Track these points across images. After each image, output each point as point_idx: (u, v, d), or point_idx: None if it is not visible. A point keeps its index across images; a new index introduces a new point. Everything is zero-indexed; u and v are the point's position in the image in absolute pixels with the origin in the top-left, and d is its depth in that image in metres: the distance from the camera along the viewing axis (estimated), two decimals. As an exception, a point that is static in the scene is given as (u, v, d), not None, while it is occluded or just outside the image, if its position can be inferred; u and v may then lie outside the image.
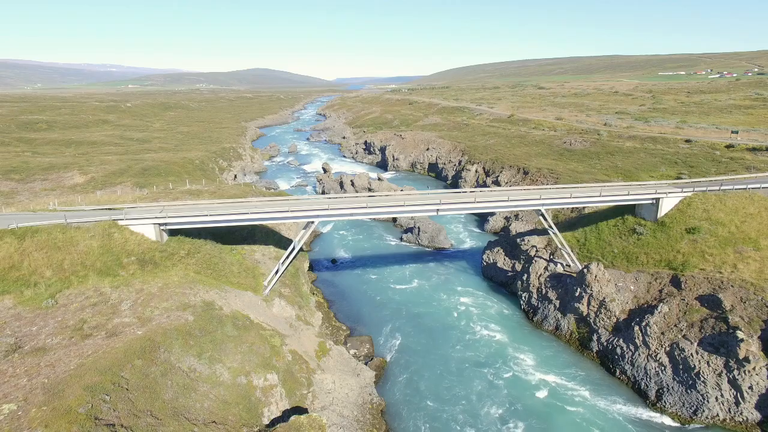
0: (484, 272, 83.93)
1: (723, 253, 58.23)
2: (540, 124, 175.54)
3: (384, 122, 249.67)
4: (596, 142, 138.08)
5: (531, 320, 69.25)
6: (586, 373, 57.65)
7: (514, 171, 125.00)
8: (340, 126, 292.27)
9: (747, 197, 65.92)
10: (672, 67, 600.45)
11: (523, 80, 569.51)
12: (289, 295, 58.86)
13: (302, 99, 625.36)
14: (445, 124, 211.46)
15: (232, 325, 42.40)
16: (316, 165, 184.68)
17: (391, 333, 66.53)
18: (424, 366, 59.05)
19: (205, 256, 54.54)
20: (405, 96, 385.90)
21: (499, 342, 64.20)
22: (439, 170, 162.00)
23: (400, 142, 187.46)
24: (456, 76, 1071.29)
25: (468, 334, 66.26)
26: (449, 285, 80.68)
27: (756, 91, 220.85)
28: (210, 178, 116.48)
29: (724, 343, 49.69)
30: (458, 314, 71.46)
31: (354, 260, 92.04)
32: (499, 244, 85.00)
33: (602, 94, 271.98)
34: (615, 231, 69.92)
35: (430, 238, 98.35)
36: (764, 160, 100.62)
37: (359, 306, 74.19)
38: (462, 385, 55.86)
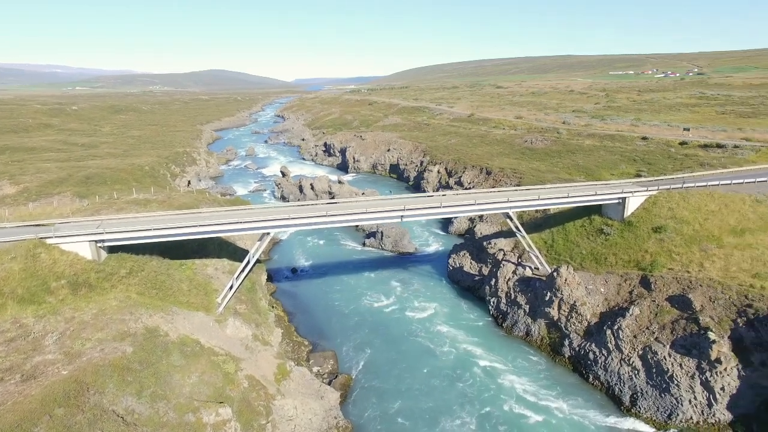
0: (451, 277, 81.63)
1: (689, 252, 57.74)
2: (500, 123, 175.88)
3: (344, 123, 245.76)
4: (557, 140, 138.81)
5: (501, 326, 67.22)
6: (558, 380, 55.91)
7: (476, 171, 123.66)
8: (299, 127, 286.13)
9: (708, 194, 66.04)
10: (621, 66, 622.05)
11: (481, 80, 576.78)
12: (245, 312, 54.50)
13: (260, 100, 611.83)
14: (406, 125, 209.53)
15: (179, 353, 37.99)
16: (274, 168, 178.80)
17: (356, 346, 63.08)
18: (391, 381, 55.91)
19: (150, 274, 49.55)
20: (365, 96, 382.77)
21: (468, 351, 61.78)
22: (400, 171, 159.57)
23: (360, 143, 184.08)
24: (415, 76, 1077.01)
25: (436, 343, 63.59)
26: (415, 291, 77.90)
27: (699, 91, 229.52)
28: (161, 186, 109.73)
29: (695, 344, 48.77)
30: (425, 322, 68.73)
31: (315, 269, 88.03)
32: (465, 247, 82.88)
33: (559, 92, 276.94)
34: (582, 232, 68.83)
35: (394, 242, 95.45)
36: (716, 157, 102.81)
37: (322, 318, 70.38)
38: (432, 399, 53.04)
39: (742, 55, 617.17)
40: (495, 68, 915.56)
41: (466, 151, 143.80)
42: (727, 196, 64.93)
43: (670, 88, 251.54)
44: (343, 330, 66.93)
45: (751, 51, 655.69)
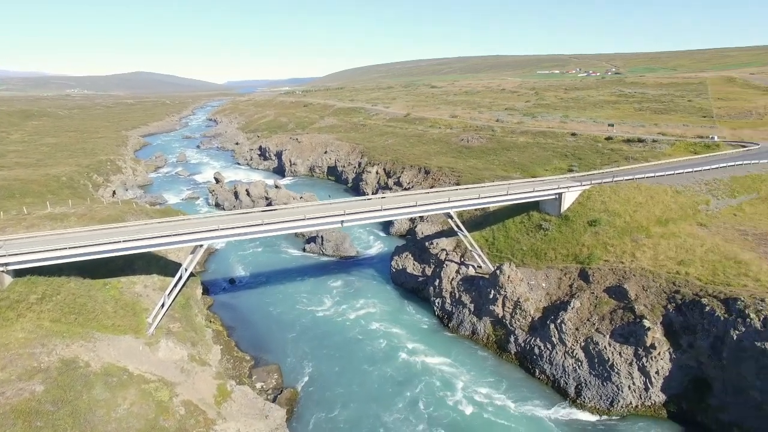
0: (394, 279, 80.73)
1: (622, 243, 59.98)
2: (436, 122, 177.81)
3: (279, 126, 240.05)
4: (491, 138, 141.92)
5: (446, 326, 67.01)
6: (506, 377, 56.28)
7: (415, 171, 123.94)
8: (232, 131, 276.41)
9: (635, 187, 69.12)
10: (548, 66, 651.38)
11: (416, 80, 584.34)
12: (179, 331, 50.69)
13: (191, 104, 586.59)
14: (343, 126, 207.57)
15: (103, 384, 34.25)
16: (208, 174, 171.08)
17: (301, 357, 60.64)
18: (339, 391, 54.05)
19: (68, 298, 44.81)
20: (300, 98, 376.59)
21: (416, 353, 60.99)
22: (338, 173, 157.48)
23: (296, 146, 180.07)
24: (350, 76, 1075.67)
25: (383, 348, 62.35)
26: (359, 296, 76.33)
27: (618, 89, 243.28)
28: (81, 197, 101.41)
29: (632, 332, 50.55)
30: (371, 327, 67.35)
31: (254, 278, 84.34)
32: (408, 248, 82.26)
33: (491, 91, 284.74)
34: (522, 228, 70.00)
35: (335, 246, 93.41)
36: (638, 151, 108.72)
37: (264, 330, 67.23)
38: (382, 406, 51.76)
39: (651, 56, 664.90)
40: (429, 68, 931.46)
41: (403, 151, 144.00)
42: (652, 188, 68.25)
43: (593, 87, 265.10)
44: (287, 341, 64.23)
45: (659, 53, 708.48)
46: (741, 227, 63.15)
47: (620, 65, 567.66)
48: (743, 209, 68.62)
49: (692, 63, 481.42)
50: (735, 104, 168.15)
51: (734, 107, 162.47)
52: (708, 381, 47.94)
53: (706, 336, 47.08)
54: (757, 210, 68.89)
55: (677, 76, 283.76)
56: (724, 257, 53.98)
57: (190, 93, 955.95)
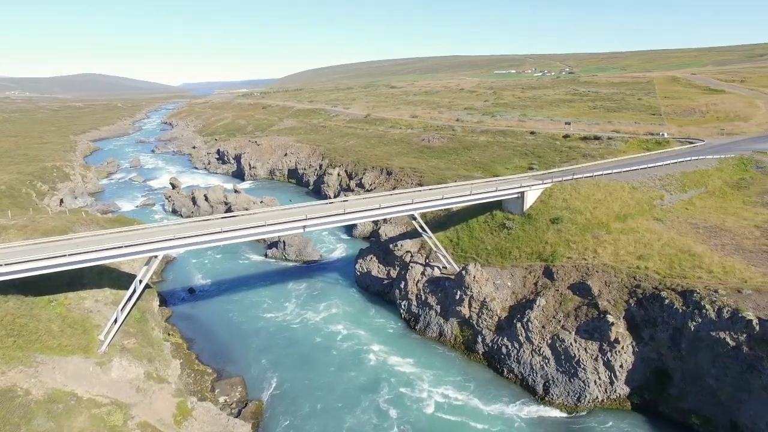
0: (359, 282, 79.58)
1: (584, 240, 60.87)
2: (397, 122, 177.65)
3: (237, 128, 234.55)
4: (452, 137, 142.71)
5: (413, 329, 66.37)
6: (474, 377, 56.09)
7: (377, 172, 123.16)
8: (189, 135, 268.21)
9: (594, 184, 70.44)
10: (504, 66, 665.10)
11: (375, 80, 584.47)
12: (134, 347, 47.88)
13: (145, 107, 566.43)
14: (302, 128, 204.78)
15: (45, 414, 31.62)
16: (163, 180, 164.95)
17: (266, 367, 58.67)
18: (306, 401, 52.49)
19: (5, 319, 41.46)
20: (258, 100, 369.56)
21: (383, 358, 60.07)
22: (299, 176, 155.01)
23: (256, 149, 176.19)
24: (309, 78, 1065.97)
25: (349, 353, 61.14)
26: (323, 301, 74.79)
27: (573, 88, 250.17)
28: (23, 207, 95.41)
29: (597, 328, 51.23)
30: (336, 332, 66.01)
31: (215, 286, 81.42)
32: (372, 251, 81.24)
33: (450, 91, 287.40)
34: (486, 227, 70.14)
35: (298, 251, 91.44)
36: (595, 148, 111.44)
37: (226, 340, 64.80)
38: (350, 414, 50.60)
39: (602, 56, 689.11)
40: (388, 68, 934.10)
41: (365, 152, 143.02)
42: (610, 185, 69.75)
43: (549, 86, 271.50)
44: (251, 351, 62.07)
45: (609, 53, 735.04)
46: (693, 221, 65.31)
47: (573, 65, 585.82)
48: (694, 203, 71.08)
49: (640, 63, 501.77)
50: (680, 102, 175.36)
51: (679, 105, 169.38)
52: (668, 371, 49.15)
53: (666, 328, 48.19)
54: (706, 204, 71.48)
55: (627, 76, 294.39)
56: (680, 250, 55.50)
57: (143, 95, 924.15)
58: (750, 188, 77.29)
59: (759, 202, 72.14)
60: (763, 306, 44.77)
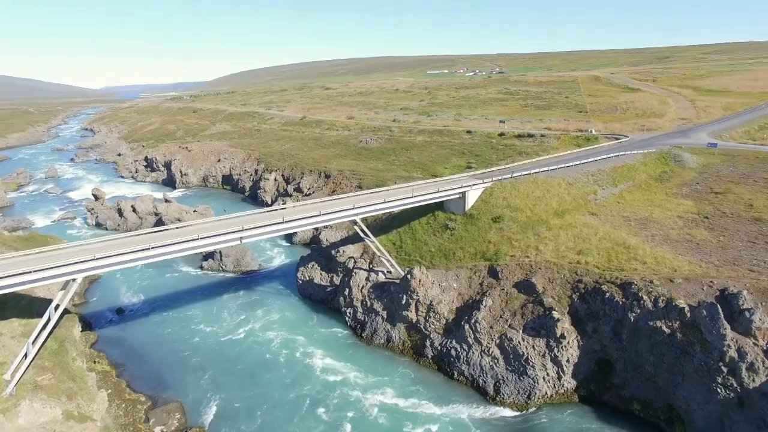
0: (301, 291, 76.82)
1: (526, 238, 61.62)
2: (333, 124, 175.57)
3: (166, 134, 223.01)
4: (390, 138, 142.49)
5: (360, 336, 64.62)
6: (425, 382, 55.19)
7: (315, 175, 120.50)
8: (113, 141, 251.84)
9: (532, 182, 71.79)
10: (437, 66, 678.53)
11: (310, 81, 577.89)
12: (50, 383, 42.87)
13: (62, 112, 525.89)
14: (236, 132, 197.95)
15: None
16: (85, 190, 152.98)
17: (206, 389, 54.87)
18: (251, 421, 49.50)
19: None
20: (188, 104, 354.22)
21: (330, 369, 57.92)
22: (234, 182, 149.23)
23: (187, 155, 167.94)
24: (241, 80, 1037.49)
25: (295, 367, 58.51)
26: (265, 313, 71.49)
27: (505, 87, 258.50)
28: None
29: (543, 325, 51.76)
30: (280, 346, 63.05)
31: (147, 304, 75.77)
32: (313, 258, 78.66)
33: (385, 92, 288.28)
34: (428, 229, 69.62)
35: (235, 261, 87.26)
36: (529, 145, 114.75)
37: (161, 363, 60.09)
38: (297, 431, 48.17)
39: (530, 57, 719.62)
40: (322, 70, 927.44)
41: (302, 155, 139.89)
42: (547, 182, 71.33)
43: (482, 85, 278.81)
44: (188, 372, 57.93)
45: (536, 54, 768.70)
46: (624, 214, 67.98)
47: (503, 65, 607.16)
48: (624, 197, 74.17)
49: (564, 63, 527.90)
50: (603, 100, 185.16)
51: (603, 103, 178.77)
52: (611, 362, 50.54)
53: (608, 321, 49.43)
54: (635, 197, 74.79)
55: (553, 75, 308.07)
56: (615, 244, 57.33)
57: (60, 99, 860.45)
58: (671, 180, 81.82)
59: (679, 194, 76.38)
60: (692, 293, 46.84)
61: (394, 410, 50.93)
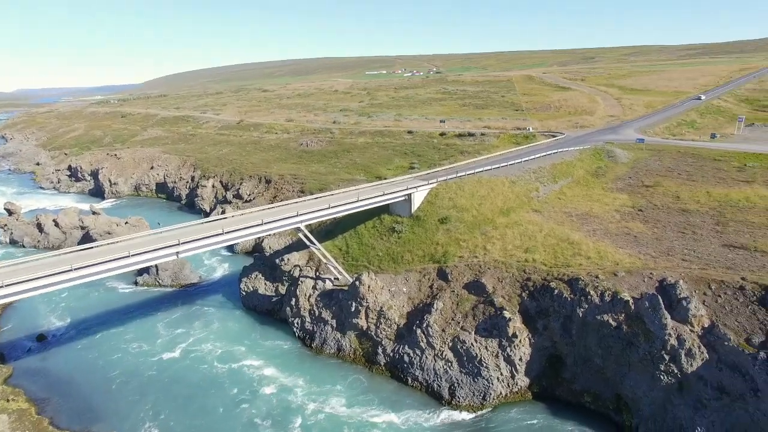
0: (246, 303, 73.34)
1: (473, 237, 61.58)
2: (272, 127, 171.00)
3: (92, 141, 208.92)
4: (331, 140, 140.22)
5: (309, 347, 62.31)
6: (378, 391, 53.84)
7: (255, 181, 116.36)
8: (30, 149, 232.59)
9: (477, 181, 72.12)
10: (376, 66, 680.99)
11: (246, 84, 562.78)
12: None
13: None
14: (169, 137, 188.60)
15: None
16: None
17: (144, 418, 50.74)
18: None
19: None
20: (116, 108, 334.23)
21: (278, 383, 55.35)
22: (169, 190, 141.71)
23: (116, 162, 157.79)
24: (173, 83, 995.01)
25: (241, 384, 55.43)
26: (207, 328, 67.59)
27: (443, 87, 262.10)
28: None
29: (495, 325, 51.71)
30: (224, 362, 59.64)
31: (74, 328, 69.48)
32: (257, 267, 75.28)
33: (324, 93, 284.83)
34: (375, 233, 68.28)
35: (173, 275, 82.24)
36: (470, 144, 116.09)
37: (92, 393, 55.01)
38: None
39: (465, 57, 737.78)
40: (259, 71, 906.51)
41: (240, 160, 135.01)
42: (491, 181, 71.90)
43: (420, 86, 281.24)
44: (124, 401, 53.39)
45: (472, 54, 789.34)
46: (566, 209, 69.68)
47: (440, 65, 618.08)
48: (564, 193, 76.15)
49: (498, 63, 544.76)
50: (537, 99, 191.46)
51: (537, 101, 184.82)
52: (561, 357, 51.29)
53: (558, 317, 50.05)
54: (575, 192, 77.01)
55: (489, 75, 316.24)
56: (560, 240, 58.35)
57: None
58: (606, 176, 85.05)
59: (614, 188, 79.47)
60: (634, 286, 48.28)
61: (347, 421, 49.32)
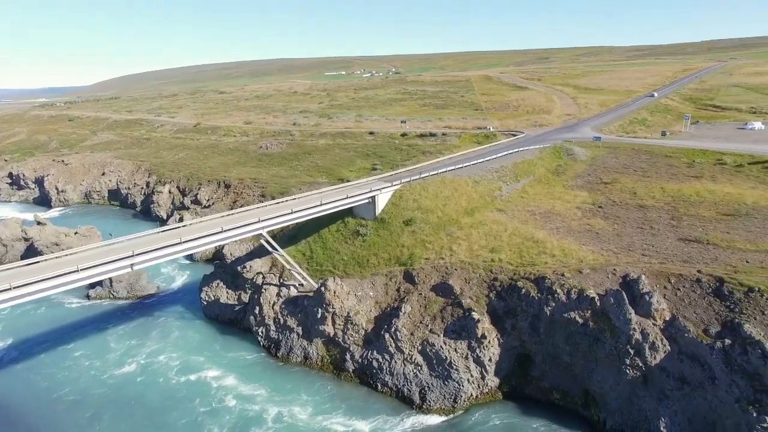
0: (207, 313, 70.53)
1: (439, 239, 61.14)
2: (230, 130, 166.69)
3: (36, 146, 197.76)
4: (291, 143, 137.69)
5: (275, 356, 60.34)
6: (347, 398, 52.59)
7: (214, 186, 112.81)
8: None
9: (441, 181, 71.82)
10: (335, 67, 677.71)
11: (202, 86, 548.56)
12: None
13: None
14: (122, 141, 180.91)
15: None
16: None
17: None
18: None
19: None
20: (62, 111, 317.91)
21: (243, 395, 53.27)
22: (123, 197, 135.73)
23: (64, 169, 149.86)
24: (126, 84, 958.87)
25: (204, 398, 52.99)
26: (166, 341, 64.53)
27: (403, 87, 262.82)
28: None
29: (464, 327, 51.35)
30: (186, 376, 56.94)
31: (17, 348, 64.73)
32: (218, 275, 72.51)
33: (283, 94, 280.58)
34: (339, 237, 66.90)
35: (129, 286, 78.37)
36: (432, 145, 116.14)
37: (39, 420, 51.23)
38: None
39: (424, 57, 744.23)
40: (215, 73, 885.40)
41: (198, 165, 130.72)
42: (455, 181, 71.77)
43: (380, 86, 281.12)
44: (76, 425, 50.04)
45: (430, 54, 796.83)
46: (529, 208, 70.31)
47: (399, 65, 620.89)
48: (527, 191, 76.93)
49: (456, 63, 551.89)
50: (495, 98, 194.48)
51: (496, 101, 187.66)
52: (530, 356, 51.42)
53: (526, 316, 50.11)
54: (537, 191, 77.93)
55: (448, 75, 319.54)
56: (525, 239, 58.64)
57: None
58: (566, 173, 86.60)
59: (574, 185, 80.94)
60: (599, 282, 48.90)
61: (309, 430, 47.85)
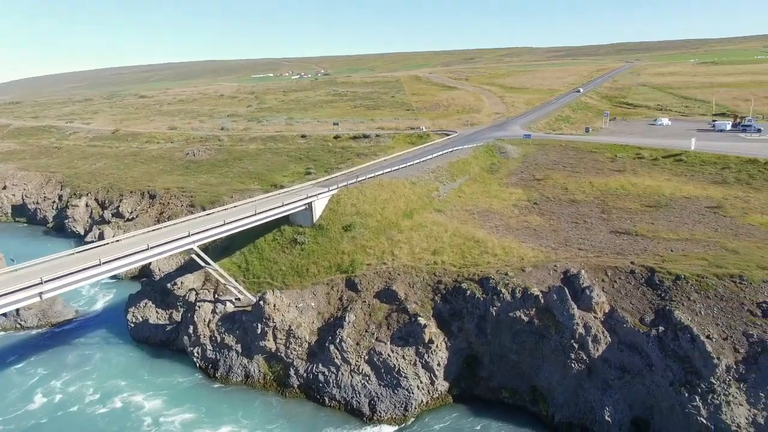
0: (135, 336, 64.89)
1: (380, 243, 59.70)
2: (153, 136, 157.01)
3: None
4: (220, 148, 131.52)
5: (213, 377, 56.33)
6: (293, 415, 49.92)
7: (137, 197, 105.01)
8: None
9: (378, 184, 70.45)
10: (262, 69, 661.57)
11: (120, 89, 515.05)
12: None
13: None
14: (28, 150, 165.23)
15: None
16: None
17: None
18: None
19: None
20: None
21: (180, 422, 49.22)
22: (31, 212, 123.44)
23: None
24: (30, 88, 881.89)
25: (128, 429, 48.38)
26: (88, 370, 58.48)
27: (333, 89, 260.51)
28: None
29: (411, 332, 50.24)
30: (114, 408, 51.75)
31: None
32: (146, 294, 67.02)
33: (209, 98, 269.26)
34: (276, 246, 63.77)
35: (41, 313, 70.64)
36: (366, 146, 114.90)
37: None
38: None
39: (352, 59, 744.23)
40: (134, 76, 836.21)
41: (119, 174, 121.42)
42: (393, 183, 70.68)
43: (310, 88, 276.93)
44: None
45: (359, 55, 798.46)
46: (467, 207, 70.61)
47: (328, 67, 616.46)
48: (464, 190, 77.37)
49: (385, 64, 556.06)
50: (426, 98, 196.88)
51: (426, 101, 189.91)
52: (478, 357, 51.18)
53: (472, 318, 49.77)
54: (473, 189, 78.60)
55: (378, 76, 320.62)
56: (466, 239, 58.48)
57: None
58: (500, 171, 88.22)
59: (509, 183, 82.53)
60: (542, 280, 49.46)
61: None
